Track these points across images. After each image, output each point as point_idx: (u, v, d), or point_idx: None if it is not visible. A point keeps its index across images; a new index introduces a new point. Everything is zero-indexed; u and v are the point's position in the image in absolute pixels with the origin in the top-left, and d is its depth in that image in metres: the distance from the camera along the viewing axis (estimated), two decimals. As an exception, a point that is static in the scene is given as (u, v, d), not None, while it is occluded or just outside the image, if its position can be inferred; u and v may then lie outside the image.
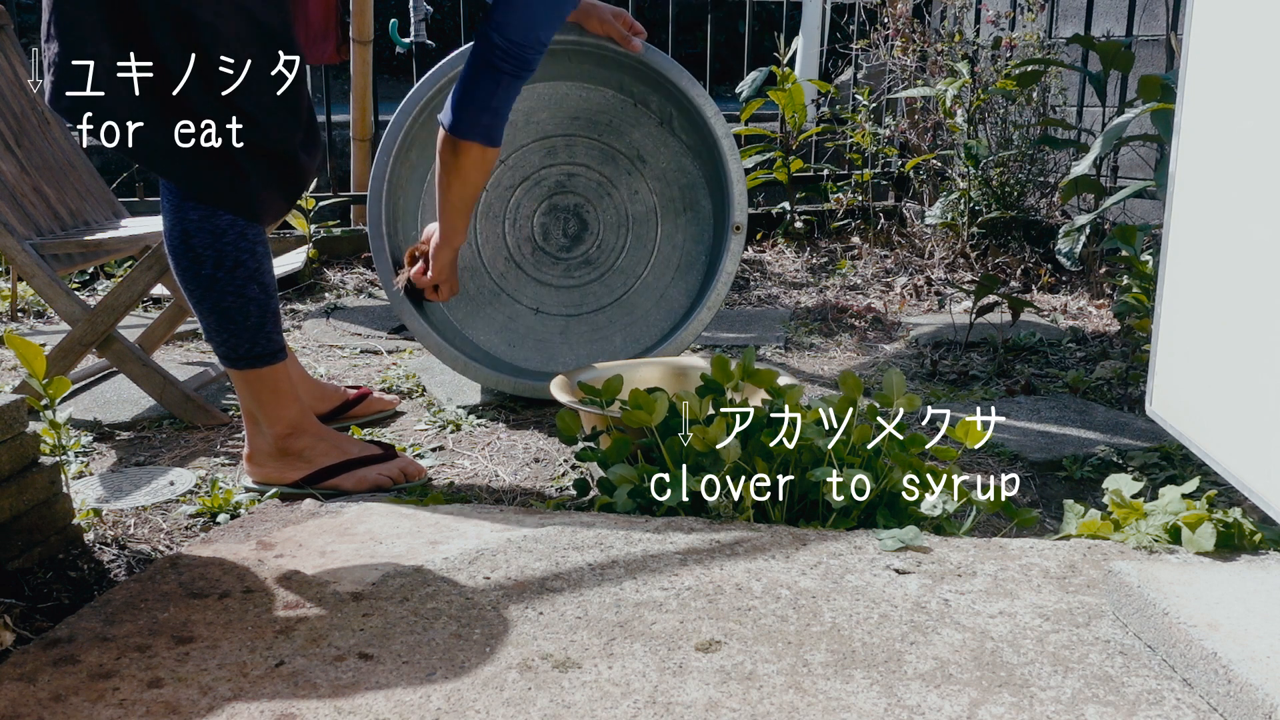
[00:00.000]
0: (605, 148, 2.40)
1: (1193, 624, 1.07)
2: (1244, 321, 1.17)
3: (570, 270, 2.44)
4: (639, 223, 2.43)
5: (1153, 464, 1.86)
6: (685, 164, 2.40)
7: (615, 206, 2.42)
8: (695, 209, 2.42)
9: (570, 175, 2.40)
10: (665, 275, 2.43)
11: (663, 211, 2.42)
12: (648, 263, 2.43)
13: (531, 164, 2.38)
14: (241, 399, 1.73)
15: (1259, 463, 1.14)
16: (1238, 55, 1.20)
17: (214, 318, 1.66)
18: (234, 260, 1.63)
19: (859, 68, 4.34)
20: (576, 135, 2.39)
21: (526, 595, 1.25)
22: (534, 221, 2.41)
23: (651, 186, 2.42)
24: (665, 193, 2.42)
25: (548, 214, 2.41)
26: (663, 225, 2.43)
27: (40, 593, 1.36)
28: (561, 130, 2.39)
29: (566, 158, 2.40)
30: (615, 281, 2.44)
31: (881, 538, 1.38)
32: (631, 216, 2.43)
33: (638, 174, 2.41)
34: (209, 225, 1.62)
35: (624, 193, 2.42)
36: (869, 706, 1.02)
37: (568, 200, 2.41)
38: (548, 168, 2.39)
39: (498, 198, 2.40)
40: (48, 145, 2.45)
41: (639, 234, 2.43)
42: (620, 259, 2.43)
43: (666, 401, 1.57)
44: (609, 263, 2.43)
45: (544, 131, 2.37)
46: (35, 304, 3.16)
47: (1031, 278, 3.35)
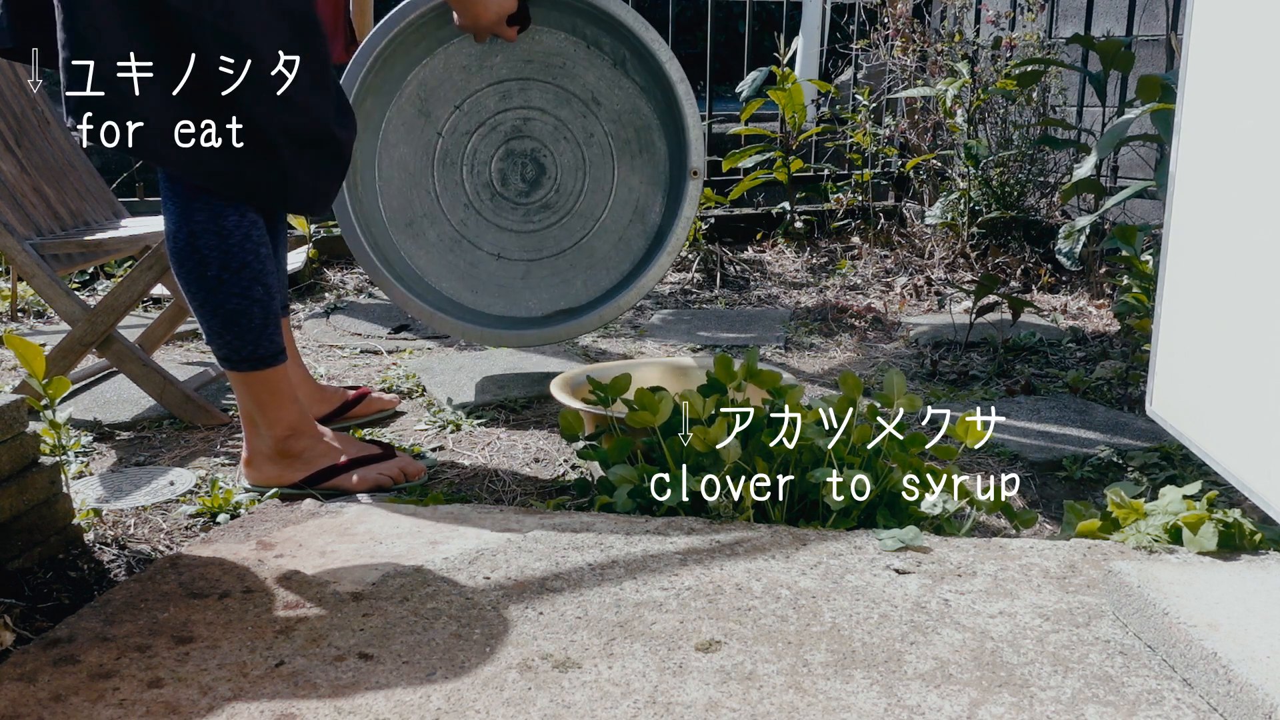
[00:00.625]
0: (560, 90, 2.41)
1: (1193, 624, 1.07)
2: (1244, 321, 1.17)
3: (530, 215, 2.45)
4: (595, 165, 2.44)
5: (1153, 464, 1.86)
6: (640, 105, 2.41)
7: (572, 150, 2.43)
8: (651, 151, 2.43)
9: (526, 120, 2.42)
10: (623, 218, 2.44)
11: (618, 154, 2.43)
12: (605, 206, 2.44)
13: (487, 109, 2.39)
14: (240, 401, 1.73)
15: (1259, 463, 1.14)
16: (1238, 55, 1.20)
17: (217, 320, 1.65)
18: (240, 262, 1.63)
19: (859, 68, 4.34)
20: (531, 79, 2.40)
21: (526, 595, 1.25)
22: (491, 167, 2.42)
23: (607, 129, 2.43)
24: (620, 135, 2.43)
25: (505, 159, 2.42)
26: (619, 168, 2.44)
27: (40, 593, 1.36)
28: (516, 74, 2.39)
29: (521, 101, 2.41)
30: (575, 225, 2.46)
31: (881, 538, 1.38)
32: (588, 160, 2.44)
33: (592, 116, 2.42)
34: (215, 226, 1.62)
35: (580, 135, 2.43)
36: (869, 706, 1.02)
37: (524, 145, 2.42)
38: (503, 112, 2.40)
39: (454, 144, 2.40)
40: (48, 145, 2.46)
41: (596, 177, 2.44)
42: (579, 203, 2.45)
43: (671, 401, 1.57)
44: (568, 206, 2.45)
45: (498, 76, 2.38)
46: (35, 304, 3.16)
47: (1031, 278, 3.35)
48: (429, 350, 2.70)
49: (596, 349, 2.68)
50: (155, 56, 1.50)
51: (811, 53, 4.77)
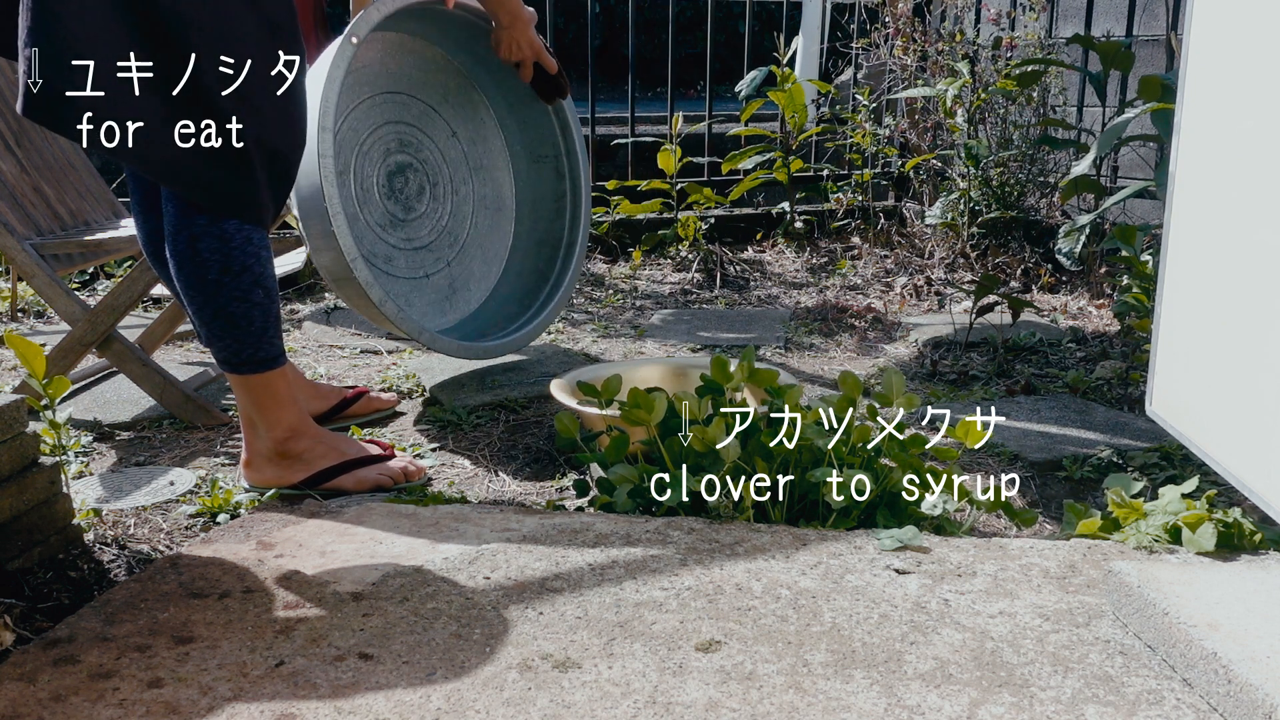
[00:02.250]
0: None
1: (1193, 624, 1.07)
2: (1244, 321, 1.17)
3: (415, 222, 2.55)
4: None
5: (1153, 464, 1.86)
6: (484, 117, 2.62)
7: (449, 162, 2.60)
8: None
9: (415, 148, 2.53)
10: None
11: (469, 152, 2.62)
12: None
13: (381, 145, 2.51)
14: (240, 403, 1.73)
15: (1259, 463, 1.14)
16: (1238, 55, 1.20)
17: (217, 323, 1.65)
18: (240, 265, 1.63)
19: (859, 67, 4.34)
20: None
21: (526, 595, 1.25)
22: (377, 188, 2.47)
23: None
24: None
25: (388, 181, 2.49)
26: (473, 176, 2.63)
27: (40, 593, 1.36)
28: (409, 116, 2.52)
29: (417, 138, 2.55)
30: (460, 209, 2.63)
31: (881, 538, 1.38)
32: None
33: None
34: (216, 230, 1.61)
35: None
36: (869, 706, 1.02)
37: (406, 168, 2.52)
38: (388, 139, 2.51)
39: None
40: (48, 145, 2.46)
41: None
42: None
43: (666, 401, 1.57)
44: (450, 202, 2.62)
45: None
46: (35, 304, 3.16)
47: (1031, 278, 3.35)
48: (429, 350, 2.70)
49: (597, 349, 2.68)
50: (153, 59, 1.50)
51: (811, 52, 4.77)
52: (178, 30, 1.49)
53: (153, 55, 1.50)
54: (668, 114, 3.87)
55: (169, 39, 1.49)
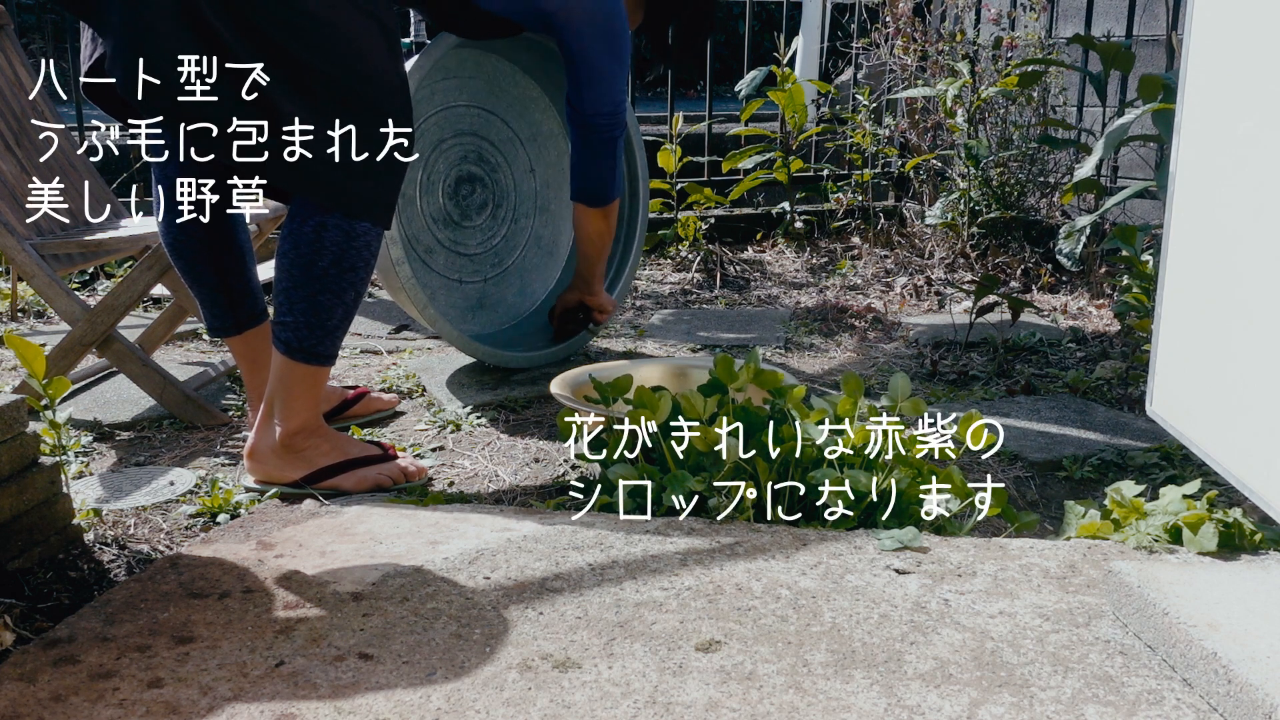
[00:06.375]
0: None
1: (1193, 624, 1.07)
2: (1244, 322, 1.17)
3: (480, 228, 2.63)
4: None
5: (1153, 464, 1.86)
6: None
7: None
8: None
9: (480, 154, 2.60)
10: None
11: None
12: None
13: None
14: (272, 384, 1.72)
15: (1259, 463, 1.14)
16: (1238, 55, 1.20)
17: (301, 306, 1.65)
18: (352, 263, 1.65)
19: (859, 67, 4.34)
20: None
21: (526, 595, 1.25)
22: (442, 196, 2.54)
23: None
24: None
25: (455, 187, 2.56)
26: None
27: (40, 593, 1.36)
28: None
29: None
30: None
31: (881, 538, 1.38)
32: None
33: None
34: (347, 225, 1.63)
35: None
36: (869, 706, 1.02)
37: (477, 181, 2.59)
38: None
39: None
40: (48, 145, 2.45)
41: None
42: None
43: (670, 400, 1.57)
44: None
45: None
46: (35, 304, 3.16)
47: (1031, 278, 3.35)
48: (429, 350, 2.70)
49: (597, 348, 2.68)
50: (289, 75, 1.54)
51: (811, 52, 4.77)
52: (321, 41, 1.55)
53: (290, 70, 1.54)
54: (668, 114, 3.87)
55: (309, 65, 1.55)
